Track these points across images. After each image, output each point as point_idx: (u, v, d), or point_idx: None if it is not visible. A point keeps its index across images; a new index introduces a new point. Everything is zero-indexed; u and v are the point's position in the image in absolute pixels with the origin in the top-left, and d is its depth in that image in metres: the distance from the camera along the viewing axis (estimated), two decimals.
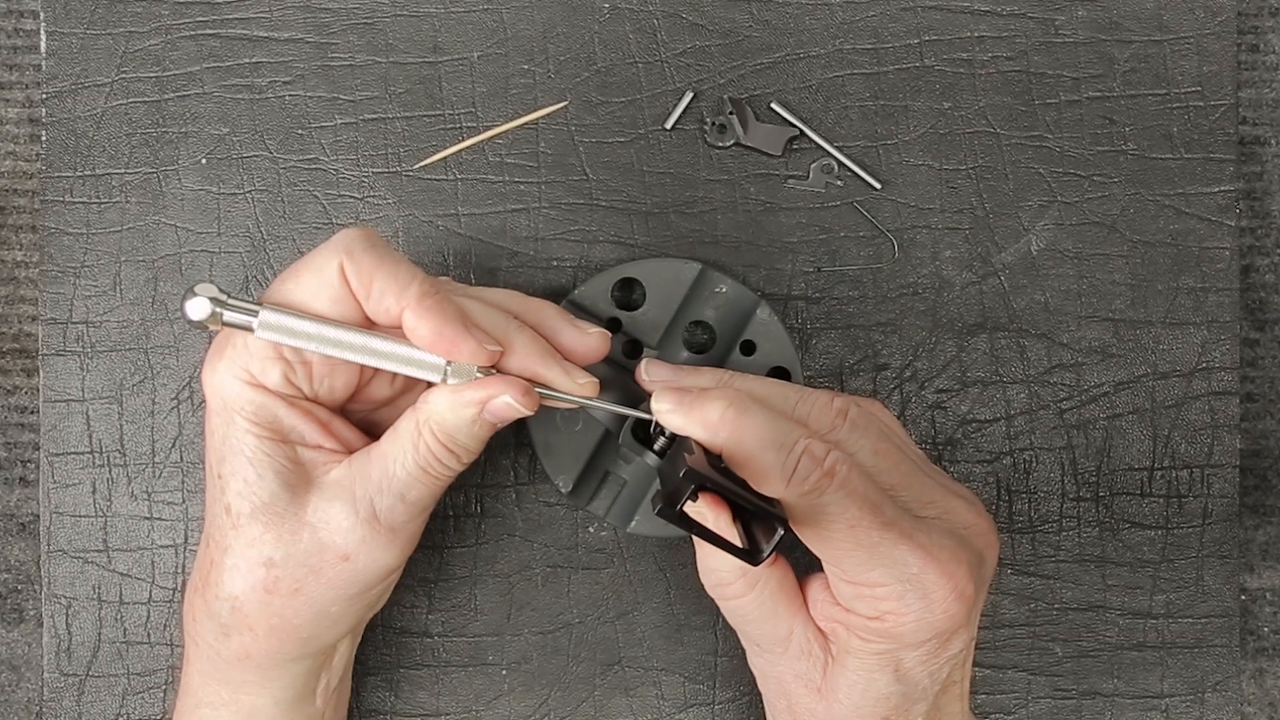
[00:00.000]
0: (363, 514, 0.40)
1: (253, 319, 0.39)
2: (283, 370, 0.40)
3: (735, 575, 0.41)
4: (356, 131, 0.49)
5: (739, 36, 0.50)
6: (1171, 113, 0.50)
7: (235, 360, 0.40)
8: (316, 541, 0.40)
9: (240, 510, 0.40)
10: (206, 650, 0.42)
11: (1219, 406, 0.50)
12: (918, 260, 0.50)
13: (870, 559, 0.38)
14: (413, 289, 0.39)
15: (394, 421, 0.41)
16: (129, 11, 0.49)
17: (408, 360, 0.40)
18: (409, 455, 0.40)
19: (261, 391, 0.40)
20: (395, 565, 0.42)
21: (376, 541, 0.40)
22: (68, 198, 0.49)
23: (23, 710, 0.55)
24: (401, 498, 0.40)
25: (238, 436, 0.40)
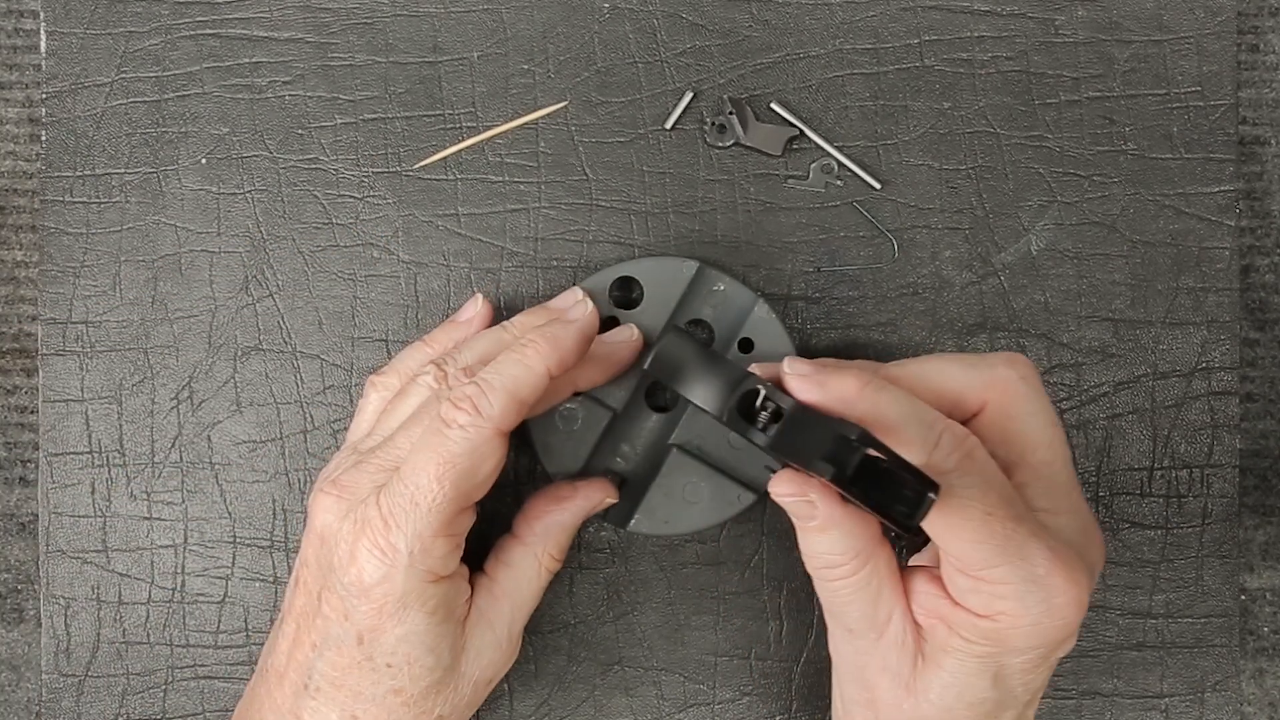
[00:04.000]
0: (504, 643, 0.44)
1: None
2: (458, 554, 0.42)
3: (846, 555, 0.40)
4: (356, 131, 0.49)
5: (739, 36, 0.50)
6: (1171, 113, 0.50)
7: (418, 565, 0.40)
8: (474, 683, 0.43)
9: (414, 691, 0.41)
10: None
11: (1219, 406, 0.50)
12: (918, 260, 0.50)
13: (998, 553, 0.37)
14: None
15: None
16: (129, 11, 0.49)
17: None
18: (533, 583, 0.44)
19: (443, 582, 0.41)
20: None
21: (511, 654, 0.44)
22: (68, 198, 0.49)
23: (22, 710, 0.55)
24: (528, 615, 0.45)
25: (416, 630, 0.40)
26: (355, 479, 0.41)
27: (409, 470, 0.40)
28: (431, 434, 0.40)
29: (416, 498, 0.40)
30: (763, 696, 0.49)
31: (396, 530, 0.40)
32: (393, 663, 0.41)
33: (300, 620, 0.42)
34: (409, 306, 0.49)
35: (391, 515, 0.40)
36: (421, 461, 0.40)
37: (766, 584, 0.49)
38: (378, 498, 0.40)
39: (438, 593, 0.41)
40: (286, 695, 0.42)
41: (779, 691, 0.49)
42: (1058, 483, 0.40)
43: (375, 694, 0.41)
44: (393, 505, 0.40)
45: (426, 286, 0.49)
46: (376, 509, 0.40)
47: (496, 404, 0.40)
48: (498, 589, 0.44)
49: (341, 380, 0.49)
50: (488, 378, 0.41)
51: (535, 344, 0.42)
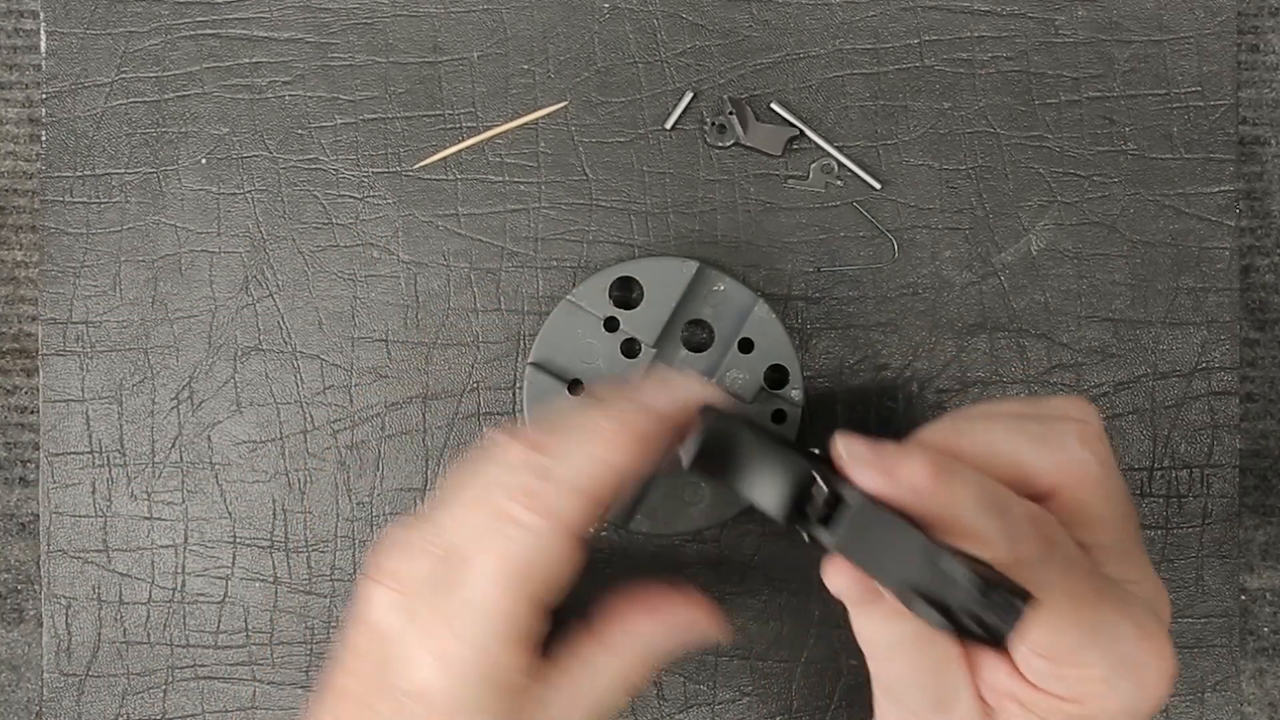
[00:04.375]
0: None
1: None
2: (530, 656, 0.36)
3: (907, 642, 0.35)
4: (356, 131, 0.49)
5: (739, 36, 0.50)
6: (1171, 113, 0.50)
7: (488, 678, 0.35)
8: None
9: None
10: None
11: (1219, 406, 0.50)
12: (918, 260, 0.50)
13: (1086, 638, 0.34)
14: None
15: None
16: (129, 11, 0.49)
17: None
18: (617, 693, 0.38)
19: (509, 691, 0.36)
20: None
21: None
22: (68, 198, 0.49)
23: (22, 710, 0.55)
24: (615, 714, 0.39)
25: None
26: (409, 567, 0.37)
27: (472, 573, 0.35)
28: (493, 532, 0.35)
29: (486, 607, 0.35)
30: (763, 696, 0.49)
31: (459, 641, 0.35)
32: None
33: (345, 706, 0.37)
34: (409, 306, 0.49)
35: (449, 623, 0.35)
36: (485, 564, 0.35)
37: (766, 584, 0.49)
38: (434, 597, 0.36)
39: (507, 703, 0.36)
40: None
41: (779, 691, 0.49)
42: (1131, 550, 0.37)
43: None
44: (453, 611, 0.35)
45: (426, 286, 0.49)
46: (439, 613, 0.35)
47: (569, 506, 0.35)
48: (575, 690, 0.38)
49: (341, 380, 0.49)
50: (556, 473, 0.36)
51: (609, 436, 0.36)
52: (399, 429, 0.49)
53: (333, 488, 0.49)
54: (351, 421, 0.49)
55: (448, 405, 0.49)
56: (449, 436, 0.49)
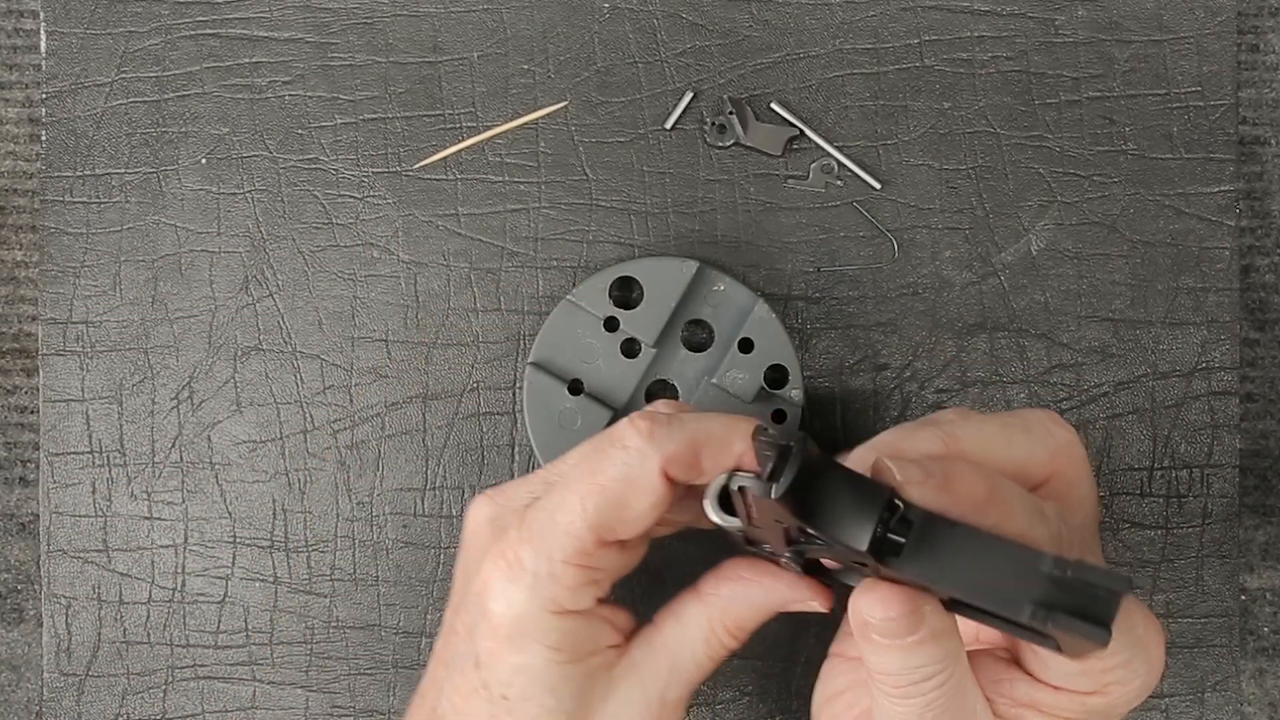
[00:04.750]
0: (654, 707, 0.38)
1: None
2: (594, 592, 0.37)
3: (945, 662, 0.34)
4: (356, 131, 0.49)
5: (739, 36, 0.50)
6: (1171, 113, 0.50)
7: (542, 590, 0.35)
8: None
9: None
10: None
11: (1219, 406, 0.50)
12: (918, 260, 0.50)
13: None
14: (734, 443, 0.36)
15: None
16: (129, 11, 0.49)
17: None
18: (700, 649, 0.38)
19: (569, 617, 0.36)
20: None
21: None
22: (68, 198, 0.49)
23: (22, 710, 0.55)
24: (689, 685, 0.38)
25: (533, 664, 0.36)
26: (515, 488, 0.38)
27: (560, 485, 0.36)
28: (593, 451, 0.36)
29: (557, 516, 0.35)
30: (763, 696, 0.49)
31: (527, 545, 0.35)
32: (508, 695, 0.36)
33: (444, 637, 0.39)
34: (409, 306, 0.49)
35: (529, 528, 0.36)
36: (573, 477, 0.36)
37: None
38: (524, 509, 0.36)
39: (561, 627, 0.36)
40: (421, 717, 0.38)
41: (779, 691, 0.49)
42: (1095, 532, 0.38)
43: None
44: (533, 518, 0.36)
45: (426, 286, 0.49)
46: (519, 519, 0.36)
47: (675, 440, 0.35)
48: (658, 641, 0.38)
49: (341, 380, 0.49)
50: (683, 416, 0.36)
51: (745, 421, 0.36)
52: (399, 429, 0.49)
53: (333, 488, 0.49)
54: (351, 421, 0.49)
55: (448, 405, 0.49)
56: (449, 436, 0.49)
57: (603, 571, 0.37)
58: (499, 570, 0.36)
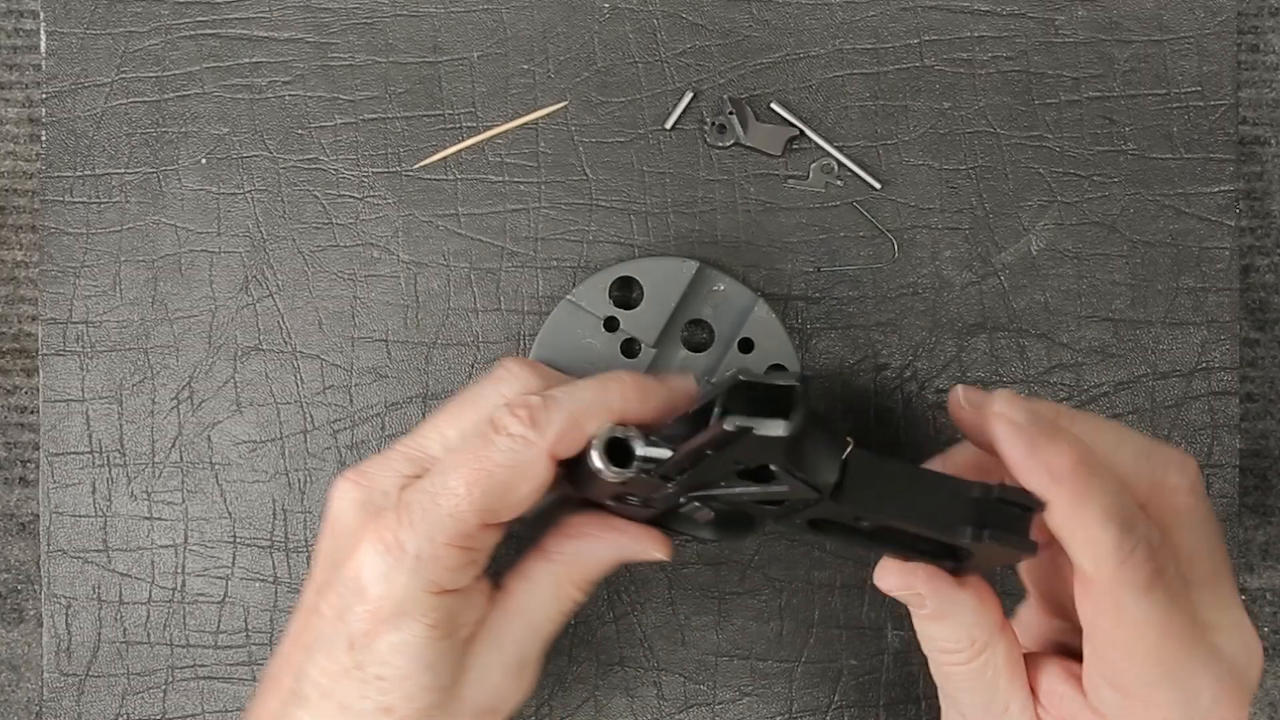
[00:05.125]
0: (514, 669, 0.39)
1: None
2: (473, 571, 0.38)
3: (961, 644, 0.37)
4: (356, 131, 0.49)
5: (739, 36, 0.50)
6: (1171, 113, 0.50)
7: (424, 572, 0.36)
8: (474, 710, 0.39)
9: (405, 712, 0.37)
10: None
11: (1219, 406, 0.50)
12: (918, 260, 0.50)
13: (1166, 678, 0.34)
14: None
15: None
16: (129, 11, 0.49)
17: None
18: (552, 606, 0.40)
19: (448, 596, 0.37)
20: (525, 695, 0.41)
21: (522, 685, 0.40)
22: (68, 198, 0.49)
23: (22, 710, 0.55)
24: (545, 642, 0.40)
25: (412, 642, 0.37)
26: (378, 468, 0.38)
27: (440, 468, 0.37)
28: (475, 437, 0.37)
29: (439, 499, 0.36)
30: (763, 696, 0.49)
31: (408, 528, 0.36)
32: (384, 675, 0.37)
33: (303, 618, 0.39)
34: (409, 306, 0.49)
35: (407, 511, 0.36)
36: (455, 462, 0.37)
37: (766, 584, 0.49)
38: (399, 491, 0.37)
39: (441, 606, 0.37)
40: (275, 704, 0.39)
41: (779, 691, 0.49)
42: (1225, 598, 0.37)
43: (363, 710, 0.37)
44: (411, 501, 0.36)
45: (426, 286, 0.49)
46: (396, 502, 0.37)
47: (557, 424, 0.36)
48: (510, 605, 0.40)
49: (341, 380, 0.49)
50: (556, 395, 0.37)
51: (623, 383, 0.38)
52: (399, 429, 0.49)
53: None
54: (351, 421, 0.49)
55: None
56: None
57: (481, 551, 0.38)
58: (378, 553, 0.36)
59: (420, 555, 0.36)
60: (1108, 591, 0.34)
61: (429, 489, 0.36)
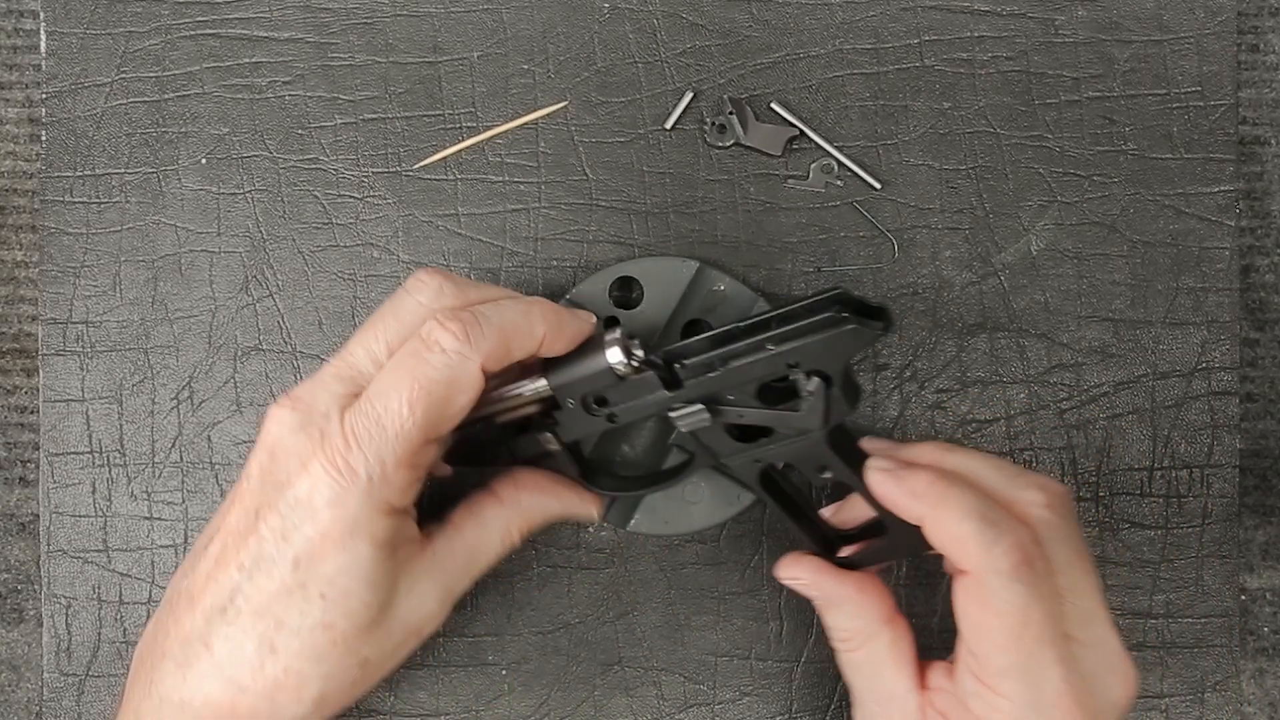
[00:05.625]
0: (445, 597, 0.42)
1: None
2: (416, 489, 0.40)
3: (849, 632, 0.42)
4: (356, 131, 0.49)
5: (739, 36, 0.50)
6: (1171, 113, 0.50)
7: (375, 493, 0.38)
8: (405, 631, 0.41)
9: (344, 627, 0.39)
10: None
11: (1219, 406, 0.50)
12: (918, 260, 0.50)
13: (1015, 668, 0.37)
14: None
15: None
16: (129, 11, 0.49)
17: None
18: (495, 548, 0.43)
19: (394, 515, 0.39)
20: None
21: (444, 613, 0.42)
22: (68, 198, 0.49)
23: (23, 710, 0.55)
24: (475, 576, 0.43)
25: (359, 561, 0.38)
26: (312, 391, 0.39)
27: (379, 390, 0.38)
28: (410, 355, 0.38)
29: (384, 421, 0.38)
30: (763, 696, 0.49)
31: (358, 452, 0.37)
32: (327, 594, 0.38)
33: (230, 539, 0.39)
34: None
35: (354, 435, 0.38)
36: (393, 382, 0.38)
37: (766, 584, 0.49)
38: (341, 415, 0.38)
39: (388, 526, 0.38)
40: (197, 620, 0.39)
41: (779, 691, 0.49)
42: (1083, 611, 0.39)
43: (301, 626, 0.38)
44: (356, 425, 0.38)
45: None
46: (339, 426, 0.38)
47: (489, 338, 0.38)
48: (458, 540, 0.42)
49: None
50: (485, 311, 0.39)
51: (544, 309, 0.40)
52: None
53: None
54: None
55: None
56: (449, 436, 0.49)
57: (423, 468, 0.40)
58: (330, 476, 0.37)
59: (372, 478, 0.38)
60: (976, 579, 0.37)
61: (372, 412, 0.38)
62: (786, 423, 0.41)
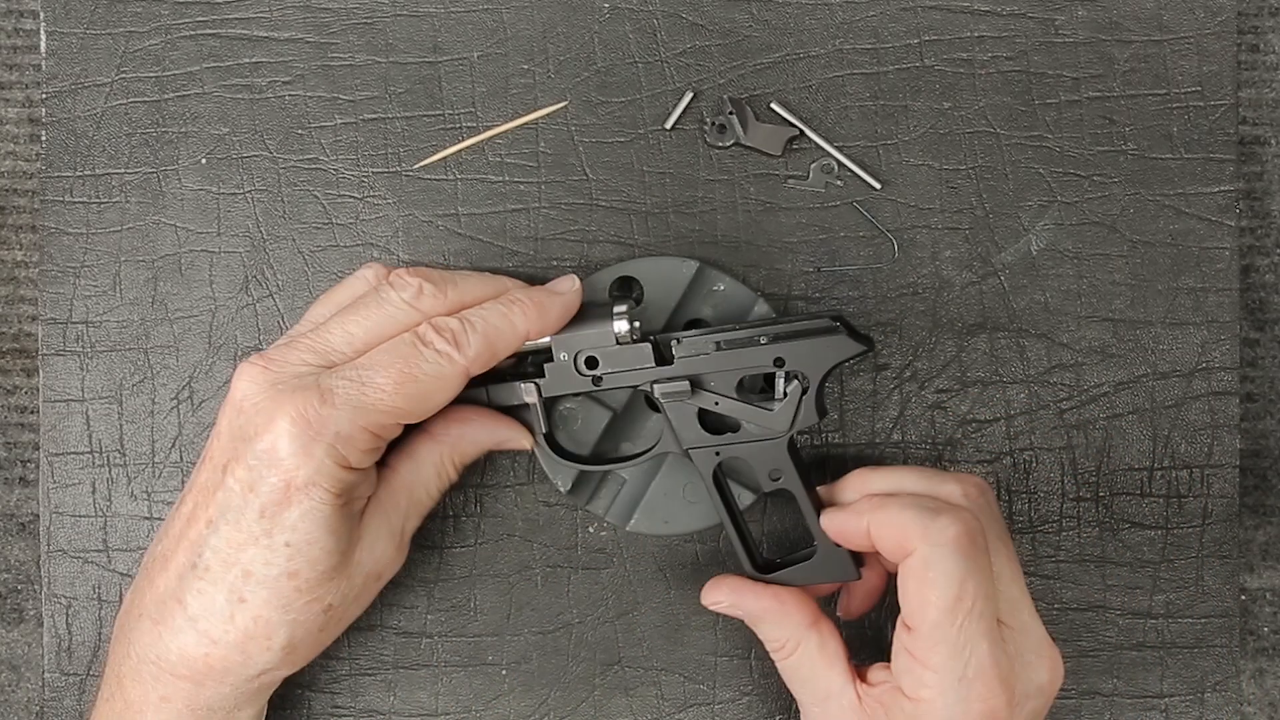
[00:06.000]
0: (397, 536, 0.44)
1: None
2: (376, 456, 0.42)
3: (779, 642, 0.44)
4: (356, 131, 0.49)
5: (739, 36, 0.50)
6: (1171, 113, 0.50)
7: (339, 447, 0.40)
8: (364, 574, 0.43)
9: (309, 575, 0.41)
10: (232, 682, 0.42)
11: (1219, 406, 0.50)
12: (918, 260, 0.50)
13: (947, 642, 0.39)
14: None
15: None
16: (129, 11, 0.49)
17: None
18: (433, 483, 0.45)
19: (354, 472, 0.41)
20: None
21: (400, 555, 0.45)
22: (68, 198, 0.49)
23: (23, 710, 0.55)
24: (422, 516, 0.45)
25: (320, 509, 0.40)
26: (284, 355, 0.41)
27: (368, 363, 0.41)
28: (405, 345, 0.41)
29: (366, 390, 0.40)
30: (763, 696, 0.49)
31: (330, 408, 0.40)
32: (291, 541, 0.40)
33: (200, 496, 0.42)
34: None
35: (332, 393, 0.40)
36: (385, 361, 0.41)
37: None
38: (319, 373, 0.40)
39: (347, 479, 0.41)
40: (170, 578, 0.41)
41: (779, 691, 0.49)
42: (1009, 598, 0.42)
43: (268, 575, 0.40)
44: (336, 385, 0.40)
45: None
46: (315, 381, 0.40)
47: (474, 345, 0.41)
48: (396, 481, 0.44)
49: None
50: (472, 319, 0.42)
51: (524, 305, 0.43)
52: None
53: None
54: None
55: None
56: None
57: (384, 442, 0.42)
58: (297, 426, 0.39)
59: (339, 433, 0.40)
60: (919, 556, 0.40)
61: (355, 378, 0.40)
62: (757, 418, 0.44)
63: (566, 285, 0.45)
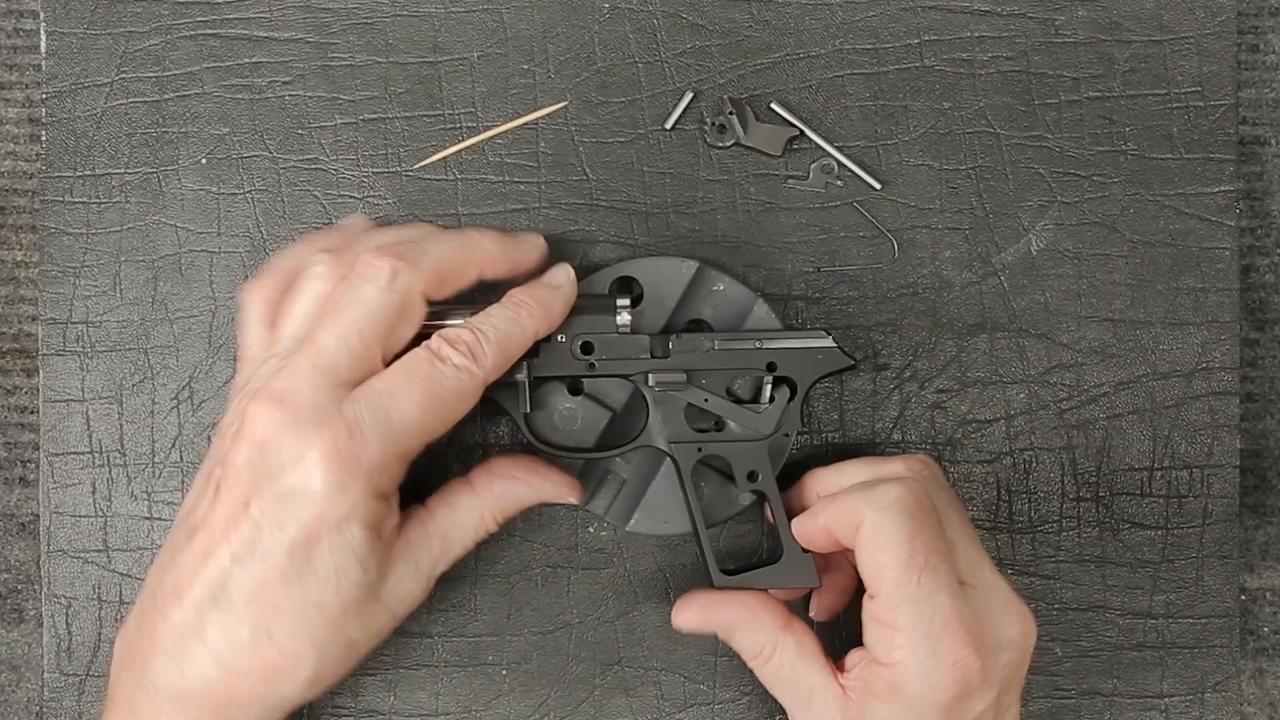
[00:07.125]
0: (423, 579, 0.43)
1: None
2: (402, 478, 0.42)
3: (754, 650, 0.44)
4: (356, 131, 0.49)
5: (739, 36, 0.50)
6: (1171, 113, 0.50)
7: (373, 479, 0.40)
8: (388, 614, 0.43)
9: (335, 608, 0.40)
10: (256, 712, 0.41)
11: (1219, 406, 0.50)
12: (918, 260, 0.50)
13: (908, 599, 0.40)
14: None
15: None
16: (129, 11, 0.49)
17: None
18: (469, 534, 0.44)
19: (383, 501, 0.41)
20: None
21: (423, 594, 0.44)
22: (68, 198, 0.49)
23: (23, 710, 0.55)
24: (452, 563, 0.44)
25: (352, 542, 0.40)
26: (292, 385, 0.40)
27: (389, 387, 0.40)
28: (423, 363, 0.41)
29: (392, 416, 0.40)
30: (763, 696, 0.49)
31: (360, 440, 0.39)
32: (321, 574, 0.40)
33: (218, 530, 0.40)
34: None
35: (359, 426, 0.39)
36: (406, 383, 0.40)
37: None
38: (340, 405, 0.39)
39: (378, 510, 0.40)
40: (187, 612, 0.40)
41: None
42: (968, 559, 0.42)
43: (295, 608, 0.40)
44: (362, 415, 0.39)
45: None
46: (340, 416, 0.39)
47: (490, 355, 0.42)
48: (433, 525, 0.44)
49: None
50: (483, 328, 0.42)
51: (529, 305, 0.43)
52: None
53: None
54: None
55: None
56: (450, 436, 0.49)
57: (409, 463, 0.42)
58: (330, 463, 0.39)
59: (373, 465, 0.40)
60: (869, 525, 0.41)
61: (378, 405, 0.40)
62: (743, 419, 0.45)
63: (562, 277, 0.45)
